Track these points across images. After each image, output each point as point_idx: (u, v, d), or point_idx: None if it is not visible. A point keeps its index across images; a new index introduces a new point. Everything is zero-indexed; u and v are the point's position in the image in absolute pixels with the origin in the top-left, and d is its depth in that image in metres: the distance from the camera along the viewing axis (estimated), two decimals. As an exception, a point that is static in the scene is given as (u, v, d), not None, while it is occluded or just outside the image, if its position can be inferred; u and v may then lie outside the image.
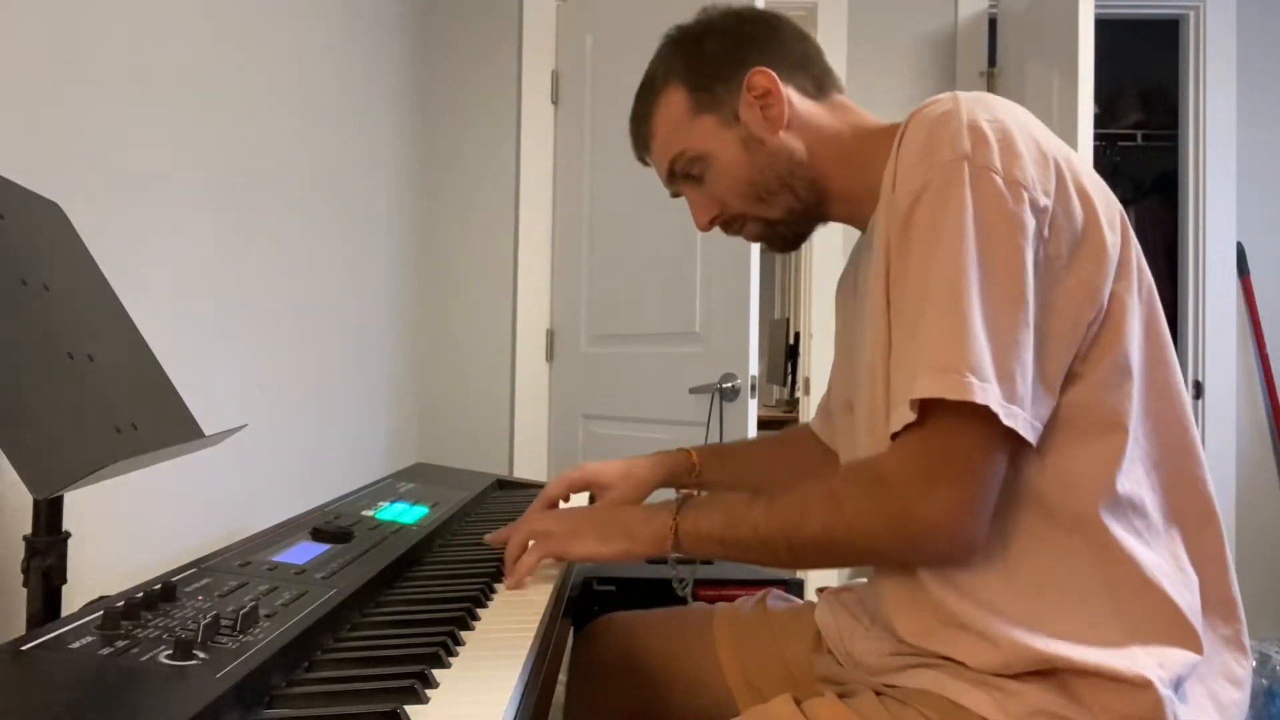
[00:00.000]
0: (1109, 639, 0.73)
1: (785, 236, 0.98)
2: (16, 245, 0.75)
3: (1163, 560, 0.76)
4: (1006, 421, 0.69)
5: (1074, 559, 0.75)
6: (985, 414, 0.69)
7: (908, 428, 0.72)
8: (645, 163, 1.02)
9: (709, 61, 0.92)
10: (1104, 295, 0.75)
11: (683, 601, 1.19)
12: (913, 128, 0.78)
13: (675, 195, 1.01)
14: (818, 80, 0.93)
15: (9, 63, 0.95)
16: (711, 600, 1.19)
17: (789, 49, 0.92)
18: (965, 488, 0.72)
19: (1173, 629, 0.74)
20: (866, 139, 0.89)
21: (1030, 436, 0.71)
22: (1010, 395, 0.70)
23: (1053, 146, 0.76)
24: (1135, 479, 0.77)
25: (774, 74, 0.89)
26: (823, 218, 0.96)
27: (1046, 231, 0.73)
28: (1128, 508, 0.76)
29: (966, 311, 0.70)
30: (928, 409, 0.71)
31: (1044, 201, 0.73)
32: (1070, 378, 0.75)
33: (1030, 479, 0.75)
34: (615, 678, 1.09)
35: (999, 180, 0.72)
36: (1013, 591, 0.76)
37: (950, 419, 0.71)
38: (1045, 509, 0.75)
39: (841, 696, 0.83)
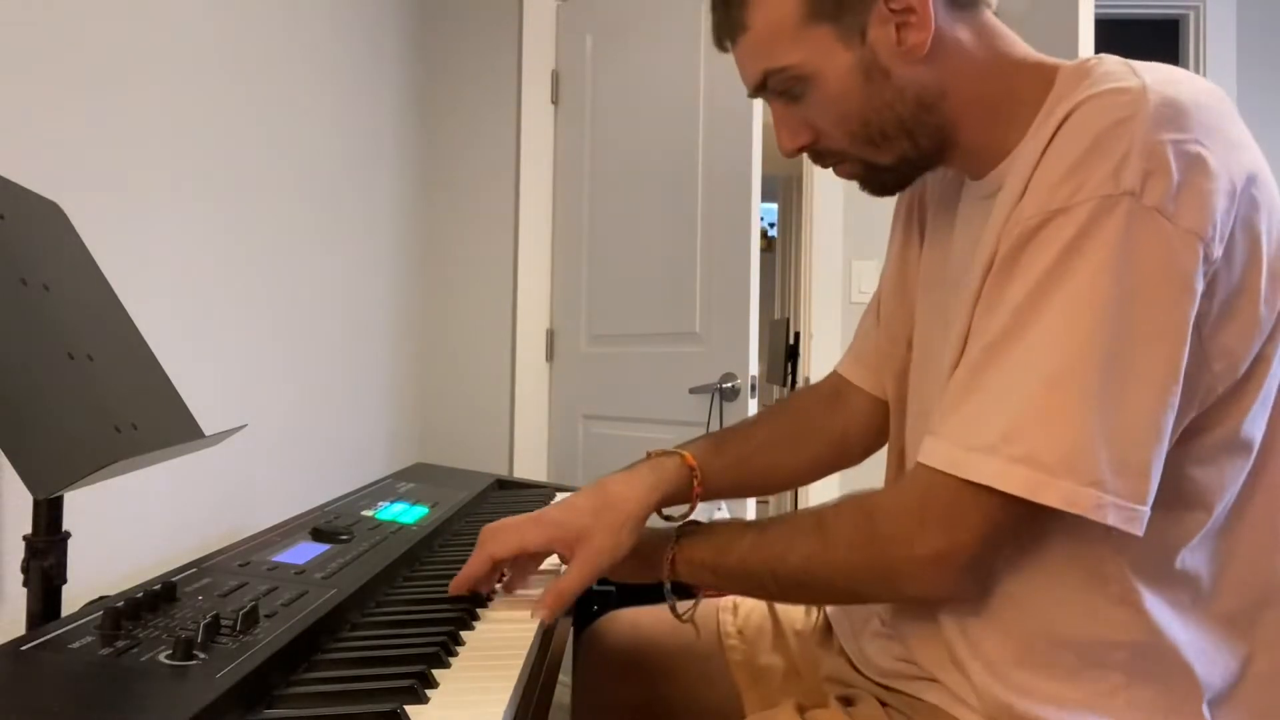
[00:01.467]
0: (1112, 710, 0.68)
1: (887, 183, 0.80)
2: (16, 245, 0.75)
3: (1201, 637, 0.69)
4: (1125, 526, 0.60)
5: (1106, 628, 0.68)
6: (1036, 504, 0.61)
7: (930, 466, 0.66)
8: (724, 49, 0.80)
9: None
10: (1244, 366, 0.64)
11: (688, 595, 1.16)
12: (1078, 121, 0.63)
13: (754, 98, 0.81)
14: None
15: (9, 63, 0.94)
16: (714, 596, 1.19)
17: None
18: (955, 543, 0.65)
19: (1183, 710, 0.69)
20: (1012, 78, 0.72)
21: (1141, 532, 0.61)
22: (1137, 493, 0.59)
23: (1244, 168, 0.61)
24: (1201, 555, 0.68)
25: None
26: (935, 165, 0.79)
27: (1203, 286, 0.60)
28: (1180, 583, 0.68)
29: (1081, 386, 0.59)
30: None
31: (1217, 253, 0.60)
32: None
33: (1085, 539, 0.67)
34: (621, 673, 1.08)
35: (1169, 228, 0.58)
36: (1024, 645, 0.71)
37: (987, 490, 0.62)
38: (1093, 572, 0.68)
39: (846, 704, 0.82)
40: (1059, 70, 0.71)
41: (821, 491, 1.99)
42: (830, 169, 0.81)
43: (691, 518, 0.89)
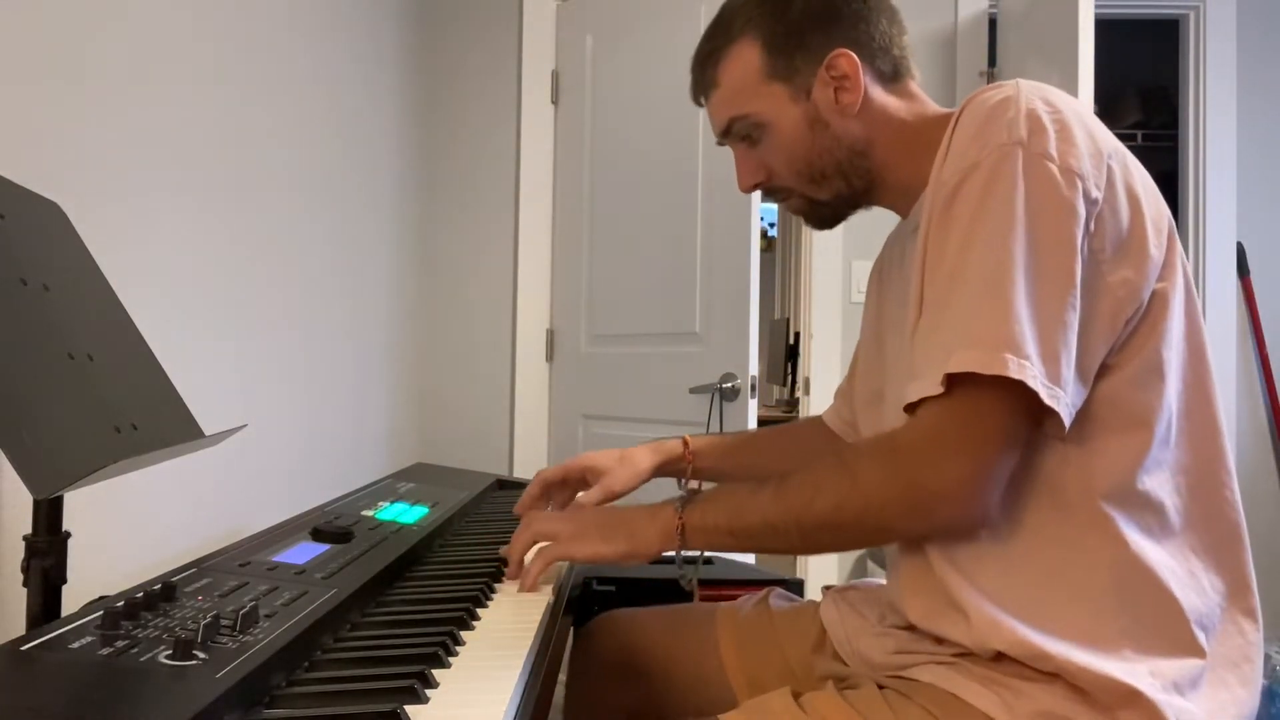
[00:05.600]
0: (1105, 640, 0.72)
1: (826, 217, 0.96)
2: (16, 245, 0.75)
3: (1175, 563, 0.76)
4: (1049, 402, 0.69)
5: (1084, 554, 0.74)
6: (1013, 391, 0.69)
7: (928, 399, 0.73)
8: (699, 104, 0.97)
9: (794, 25, 0.88)
10: (1145, 294, 0.75)
11: (687, 597, 1.18)
12: (969, 112, 0.77)
13: (722, 144, 0.98)
14: (896, 64, 0.89)
15: (9, 63, 0.95)
16: (713, 600, 1.19)
17: (877, 27, 0.88)
18: (976, 459, 0.72)
19: (1174, 634, 0.74)
20: (926, 128, 0.87)
21: (1067, 420, 0.71)
22: (1054, 376, 0.69)
23: (1108, 144, 0.76)
24: (1158, 480, 0.76)
25: (858, 59, 0.86)
26: (868, 204, 0.94)
27: (1092, 225, 0.73)
28: (1145, 507, 0.75)
29: (1009, 291, 0.70)
30: (954, 382, 0.71)
31: (1095, 194, 0.72)
32: (1102, 370, 0.74)
33: (1050, 469, 0.75)
34: (615, 675, 1.08)
35: (1053, 168, 0.71)
36: (1015, 580, 0.76)
37: (974, 393, 0.70)
38: (1062, 501, 0.75)
39: (843, 690, 0.83)
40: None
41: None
42: (780, 204, 0.97)
43: None
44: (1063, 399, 0.70)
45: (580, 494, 1.15)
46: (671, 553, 0.89)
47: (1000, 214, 0.71)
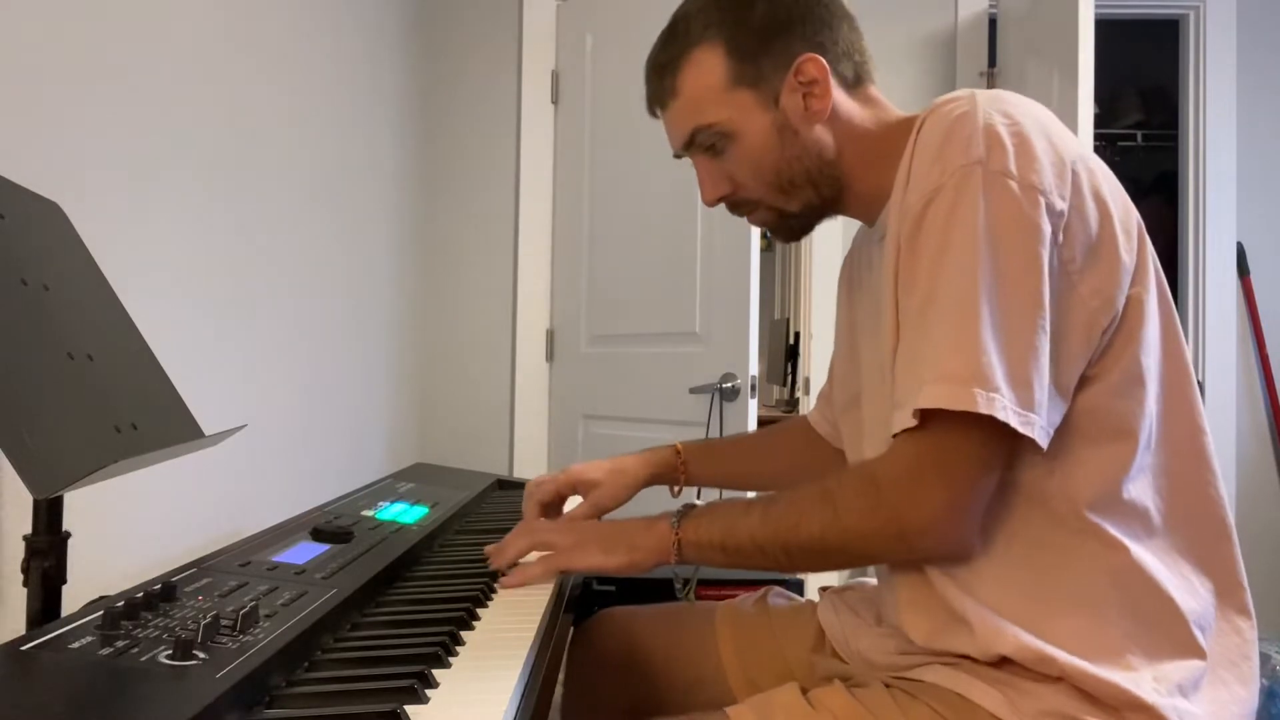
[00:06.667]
0: (1108, 645, 0.73)
1: (794, 229, 0.93)
2: (16, 245, 0.75)
3: (1170, 567, 0.76)
4: (1023, 430, 0.69)
5: (1080, 562, 0.74)
6: (984, 422, 0.69)
7: (906, 430, 0.73)
8: (655, 115, 0.94)
9: (758, 30, 0.85)
10: (1119, 302, 0.74)
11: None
12: (929, 127, 0.77)
13: (679, 158, 0.94)
14: (858, 70, 0.88)
15: (9, 62, 0.95)
16: (712, 599, 1.19)
17: (839, 32, 0.86)
18: (955, 491, 0.72)
19: (1175, 636, 0.74)
20: (888, 135, 0.86)
21: (1044, 443, 0.71)
22: (1026, 402, 0.69)
23: (1071, 151, 0.75)
24: (1142, 486, 0.76)
25: (826, 64, 0.84)
26: (835, 213, 0.93)
27: (1061, 236, 0.72)
28: (1132, 513, 0.76)
29: (976, 319, 0.69)
30: (929, 414, 0.71)
31: (1060, 206, 0.72)
32: (1082, 382, 0.74)
33: (1037, 482, 0.75)
34: (614, 672, 1.08)
35: (1014, 185, 0.71)
36: (1013, 591, 0.76)
37: (949, 425, 0.70)
38: (1051, 512, 0.75)
39: (851, 688, 0.83)
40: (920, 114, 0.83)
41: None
42: (745, 217, 0.94)
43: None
44: (1037, 423, 0.70)
45: (567, 508, 1.14)
46: (671, 567, 0.90)
47: (964, 240, 0.71)
